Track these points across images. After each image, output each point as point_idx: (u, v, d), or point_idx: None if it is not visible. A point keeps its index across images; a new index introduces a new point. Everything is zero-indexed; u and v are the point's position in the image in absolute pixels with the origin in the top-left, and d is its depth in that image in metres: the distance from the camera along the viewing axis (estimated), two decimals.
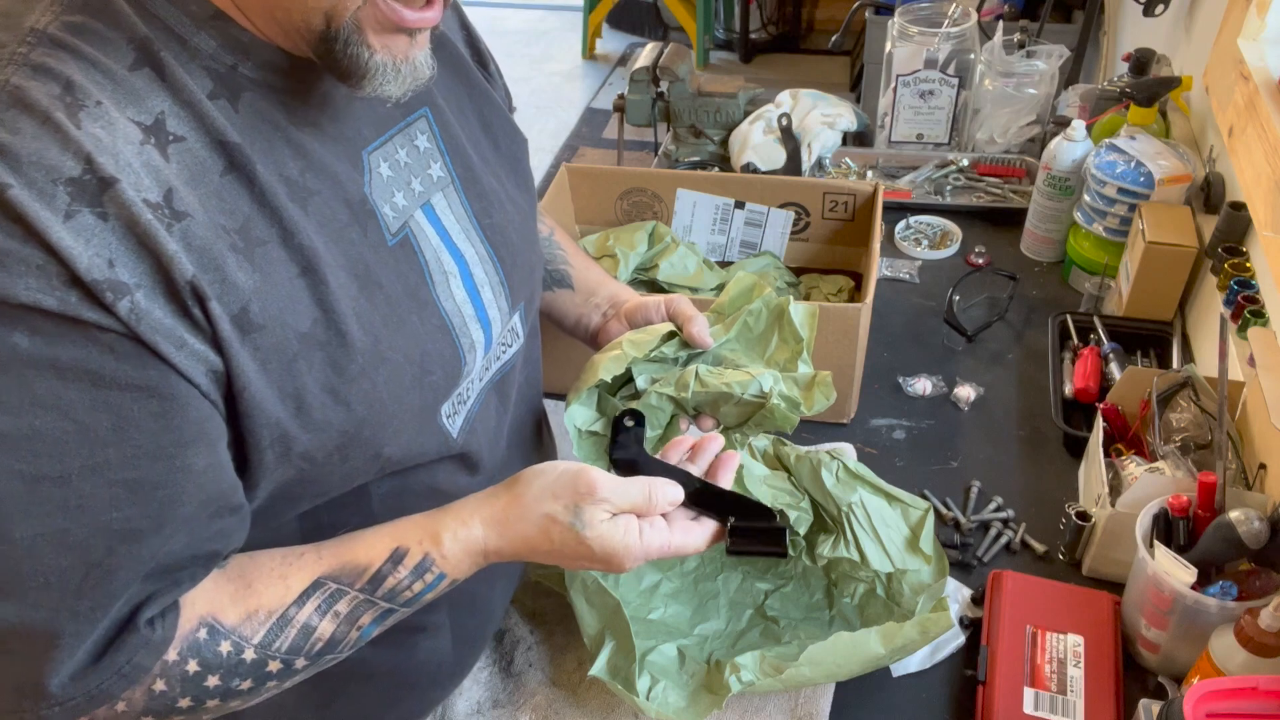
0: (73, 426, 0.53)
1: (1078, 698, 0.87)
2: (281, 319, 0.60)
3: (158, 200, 0.55)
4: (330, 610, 0.67)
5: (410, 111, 0.73)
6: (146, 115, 0.56)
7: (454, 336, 0.73)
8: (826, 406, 0.91)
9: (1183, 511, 0.90)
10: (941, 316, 1.35)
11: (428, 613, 0.82)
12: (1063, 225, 1.45)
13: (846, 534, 0.94)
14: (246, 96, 0.60)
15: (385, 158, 0.70)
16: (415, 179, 0.72)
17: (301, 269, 0.61)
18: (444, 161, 0.75)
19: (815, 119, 1.65)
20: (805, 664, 0.84)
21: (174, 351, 0.55)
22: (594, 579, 0.90)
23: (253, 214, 0.59)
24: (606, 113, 3.91)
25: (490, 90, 0.83)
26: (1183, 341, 1.27)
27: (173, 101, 0.57)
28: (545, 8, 4.81)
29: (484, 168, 0.80)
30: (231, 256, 0.58)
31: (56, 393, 0.52)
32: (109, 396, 0.54)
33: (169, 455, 0.57)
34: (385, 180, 0.69)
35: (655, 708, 0.86)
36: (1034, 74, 1.63)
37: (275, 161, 0.61)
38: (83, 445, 0.54)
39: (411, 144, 0.72)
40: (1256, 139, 1.09)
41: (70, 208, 0.51)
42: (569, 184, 1.45)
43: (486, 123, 0.82)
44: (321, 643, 0.67)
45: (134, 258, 0.53)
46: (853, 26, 2.73)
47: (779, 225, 1.42)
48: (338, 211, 0.65)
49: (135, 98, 0.56)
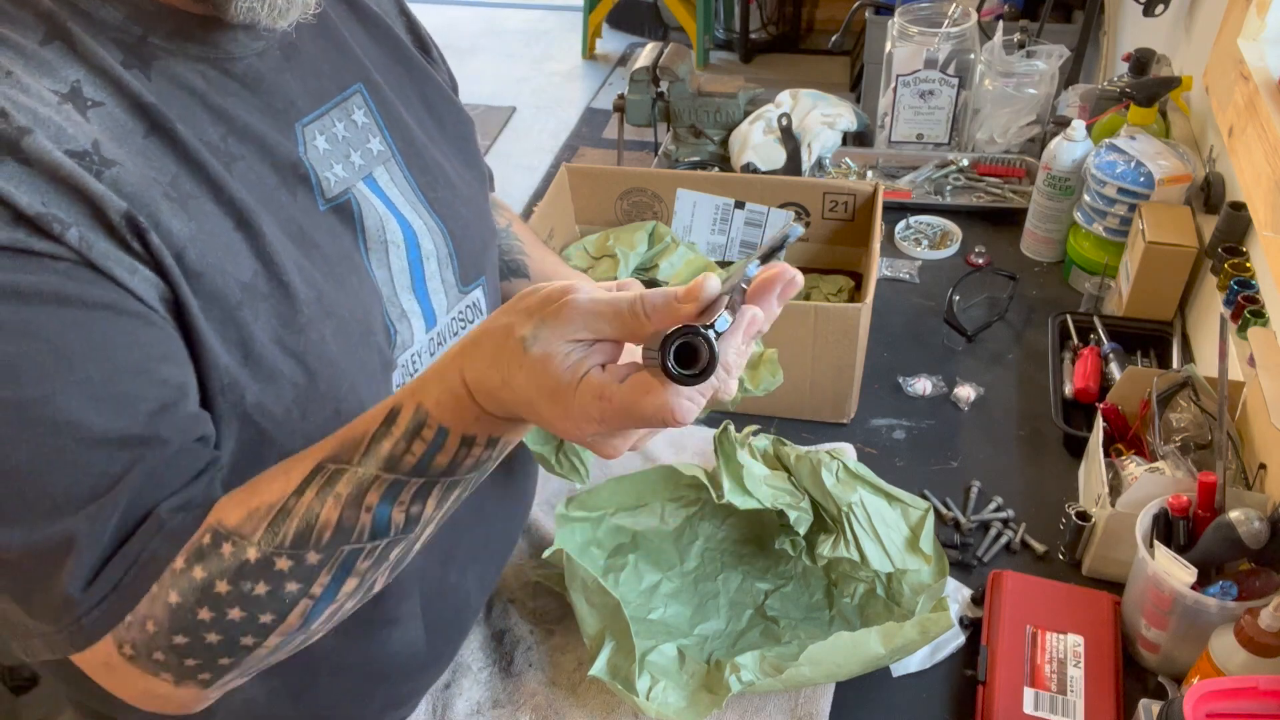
0: (46, 347, 0.54)
1: (1078, 698, 0.87)
2: (221, 267, 0.61)
3: (85, 148, 0.56)
4: (331, 493, 0.59)
5: (344, 86, 0.74)
6: (61, 84, 0.57)
7: (382, 305, 0.74)
8: (774, 385, 0.89)
9: (1183, 511, 0.90)
10: (941, 316, 1.36)
11: (399, 602, 0.82)
12: (1063, 225, 1.45)
13: (846, 534, 0.94)
14: (159, 64, 0.62)
15: (321, 130, 0.71)
16: (355, 152, 0.74)
17: (236, 222, 0.63)
18: (383, 136, 0.77)
19: (815, 119, 1.65)
20: (805, 664, 0.84)
21: (128, 277, 0.56)
22: (594, 579, 0.90)
23: (179, 172, 0.61)
24: (606, 113, 3.90)
25: (431, 72, 0.85)
26: (1183, 341, 1.27)
27: (87, 71, 0.58)
28: (545, 8, 4.81)
29: (428, 144, 0.81)
30: (165, 204, 0.59)
31: (24, 318, 0.53)
32: (76, 315, 0.55)
33: (148, 369, 0.57)
34: (322, 153, 0.71)
35: (655, 708, 0.86)
36: (1034, 74, 1.63)
37: (194, 127, 0.62)
38: (60, 364, 0.54)
39: (349, 118, 0.74)
40: (1256, 139, 1.09)
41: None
42: (569, 184, 1.45)
43: (430, 103, 0.84)
44: (329, 530, 0.59)
45: (65, 200, 0.55)
46: (853, 26, 2.73)
47: (779, 225, 1.42)
48: (264, 176, 0.66)
49: (48, 69, 0.57)
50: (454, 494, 0.62)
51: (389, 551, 0.62)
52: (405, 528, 0.62)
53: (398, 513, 0.61)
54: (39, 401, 0.54)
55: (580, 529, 1.01)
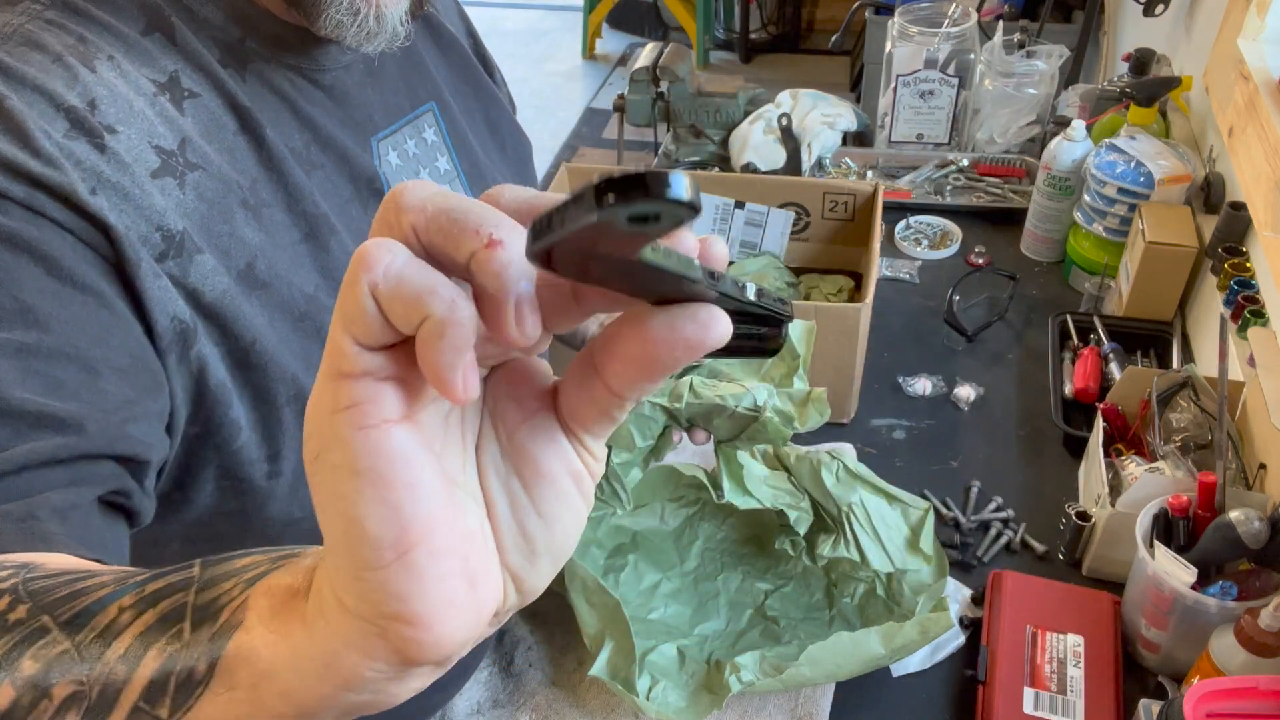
0: (9, 300, 0.50)
1: (1078, 698, 0.87)
2: (288, 279, 0.61)
3: (172, 148, 0.56)
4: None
5: (419, 104, 0.75)
6: (160, 74, 0.58)
7: None
8: (820, 423, 0.90)
9: (1183, 511, 0.90)
10: (941, 316, 1.35)
11: None
12: (1063, 225, 1.45)
13: (846, 534, 0.94)
14: (254, 66, 0.62)
15: (394, 146, 0.71)
16: (424, 170, 0.74)
17: (304, 235, 0.63)
18: (450, 156, 0.77)
19: (815, 119, 1.65)
20: (805, 664, 0.84)
21: (150, 284, 0.54)
22: (594, 579, 0.90)
23: (260, 176, 0.61)
24: (606, 113, 3.90)
25: (496, 93, 0.85)
26: (1183, 341, 1.27)
27: (185, 63, 0.59)
28: (545, 8, 4.81)
29: (490, 167, 0.81)
30: (240, 212, 0.59)
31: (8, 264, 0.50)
32: (67, 291, 0.51)
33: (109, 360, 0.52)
34: (394, 169, 0.71)
35: (655, 708, 0.86)
36: (1034, 74, 1.63)
37: (281, 132, 0.63)
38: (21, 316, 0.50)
39: (420, 136, 0.74)
40: (1256, 139, 1.09)
41: (69, 132, 0.52)
42: (569, 184, 1.45)
43: (494, 125, 0.84)
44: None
45: (121, 198, 0.53)
46: (853, 26, 2.73)
47: (779, 225, 1.42)
48: (341, 186, 0.66)
49: (148, 58, 0.57)
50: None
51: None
52: None
53: None
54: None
55: None
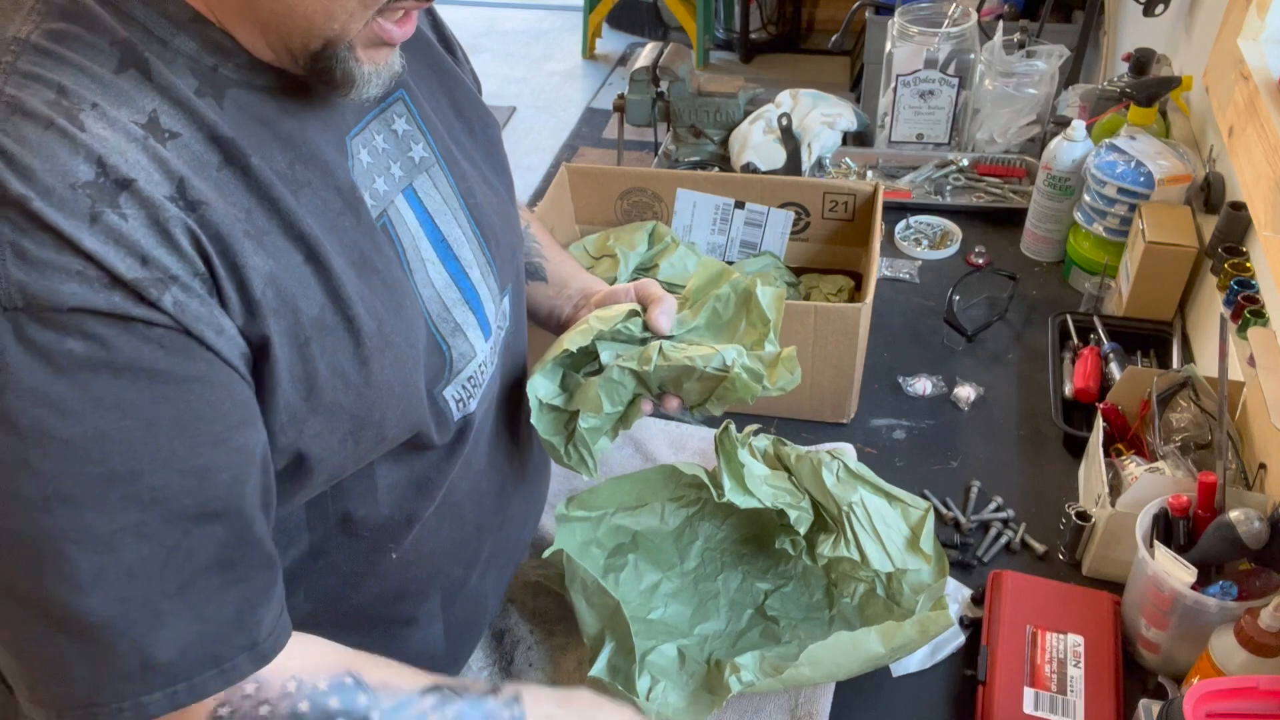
0: (136, 423, 0.54)
1: (1078, 698, 0.87)
2: (295, 304, 0.61)
3: (171, 193, 0.55)
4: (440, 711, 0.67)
5: (388, 93, 0.72)
6: (140, 114, 0.56)
7: (429, 324, 0.73)
8: (793, 383, 0.88)
9: (1183, 511, 0.90)
10: (941, 316, 1.35)
11: (419, 603, 0.82)
12: (1063, 225, 1.45)
13: (847, 534, 0.94)
14: (231, 93, 0.61)
15: (364, 144, 0.70)
16: (395, 164, 0.72)
17: (305, 256, 0.62)
18: (426, 141, 0.75)
19: (815, 119, 1.65)
20: (805, 664, 0.84)
21: (215, 338, 0.57)
22: (594, 579, 0.90)
23: (252, 206, 0.60)
24: (606, 113, 3.90)
25: (459, 73, 0.83)
26: (1183, 341, 1.27)
27: (162, 100, 0.57)
28: (545, 8, 4.81)
29: (460, 151, 0.80)
30: (247, 243, 0.59)
31: (117, 393, 0.54)
32: (167, 390, 0.55)
33: (226, 439, 0.58)
34: (366, 167, 0.70)
35: (655, 708, 0.86)
36: (1034, 74, 1.63)
37: (265, 156, 0.62)
38: (149, 440, 0.55)
39: (388, 129, 0.72)
40: (1256, 139, 1.09)
41: (94, 210, 0.52)
42: (569, 184, 1.45)
43: (459, 107, 0.82)
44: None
45: (163, 250, 0.54)
46: (853, 26, 2.73)
47: (779, 225, 1.42)
48: (329, 200, 0.65)
49: (126, 99, 0.56)
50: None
51: None
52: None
53: None
54: (126, 478, 0.55)
55: (580, 529, 1.01)
